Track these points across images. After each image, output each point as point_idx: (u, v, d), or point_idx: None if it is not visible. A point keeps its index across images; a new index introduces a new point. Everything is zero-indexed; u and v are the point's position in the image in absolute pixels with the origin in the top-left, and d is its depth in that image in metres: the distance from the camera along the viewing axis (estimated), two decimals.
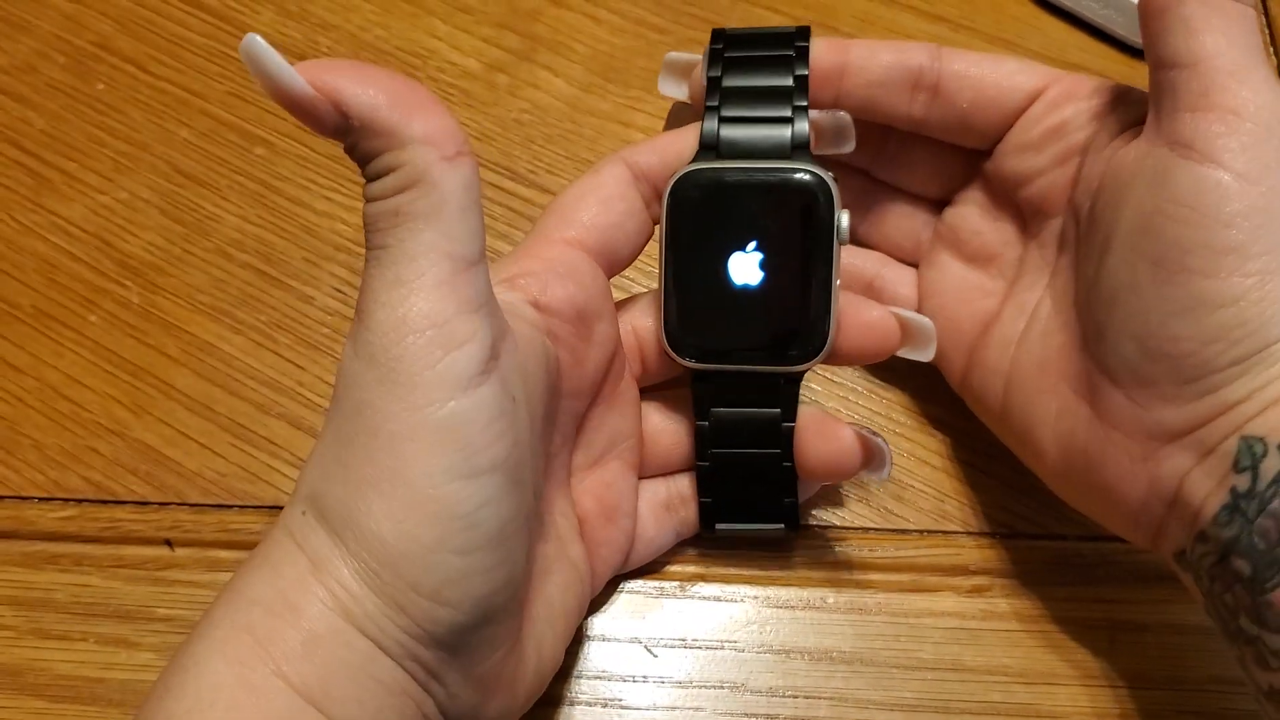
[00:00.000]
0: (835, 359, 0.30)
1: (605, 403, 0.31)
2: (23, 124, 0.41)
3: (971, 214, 0.34)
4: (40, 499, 0.34)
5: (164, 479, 0.35)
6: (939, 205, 0.35)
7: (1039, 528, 0.34)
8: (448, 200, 0.23)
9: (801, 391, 0.31)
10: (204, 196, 0.40)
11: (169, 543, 0.34)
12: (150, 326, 0.37)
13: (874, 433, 0.30)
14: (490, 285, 0.24)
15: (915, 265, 0.35)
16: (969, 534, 0.34)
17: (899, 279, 0.35)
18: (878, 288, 0.35)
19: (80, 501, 0.34)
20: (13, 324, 0.37)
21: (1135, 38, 0.43)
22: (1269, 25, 0.45)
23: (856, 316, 0.30)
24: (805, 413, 0.31)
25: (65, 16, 0.43)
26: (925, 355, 0.31)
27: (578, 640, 0.32)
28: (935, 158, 0.34)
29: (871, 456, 0.30)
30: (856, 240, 0.36)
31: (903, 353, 0.31)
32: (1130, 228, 0.27)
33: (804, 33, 0.31)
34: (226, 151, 0.41)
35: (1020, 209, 0.32)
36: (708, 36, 0.31)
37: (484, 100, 0.42)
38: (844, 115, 0.31)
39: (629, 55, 0.43)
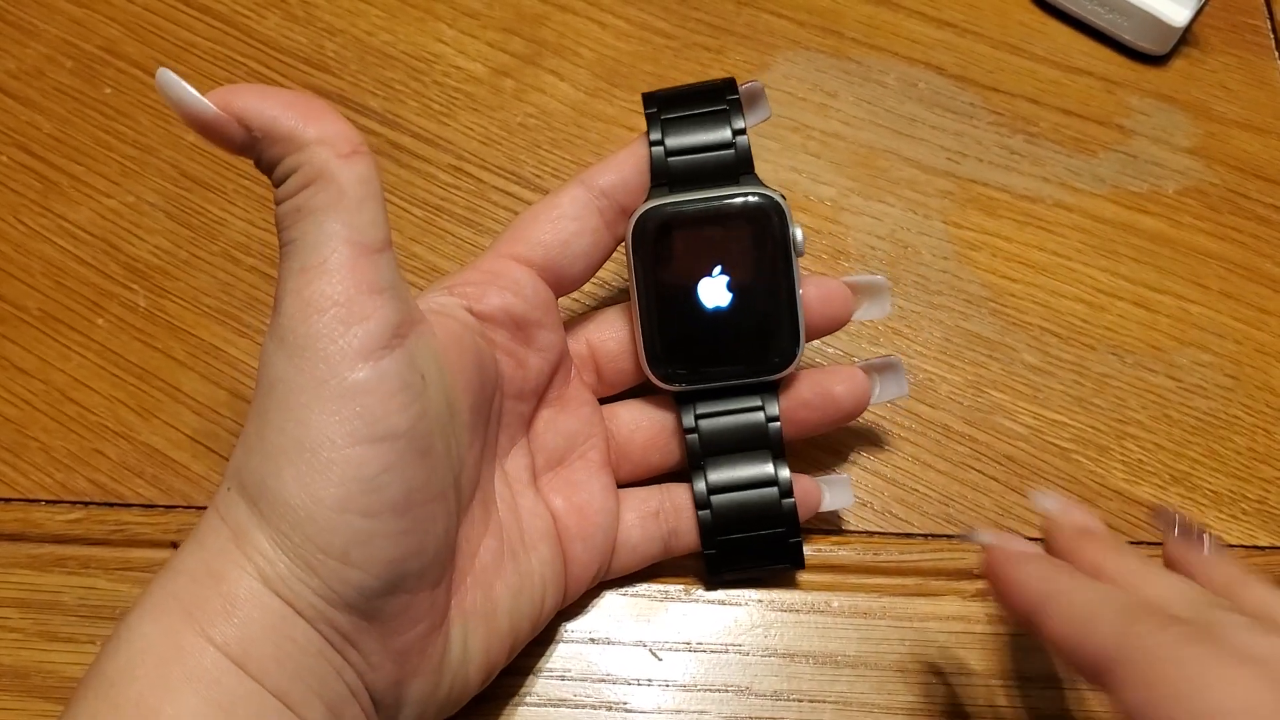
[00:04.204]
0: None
1: (554, 406, 0.32)
2: (30, 128, 0.41)
3: None
4: (47, 502, 0.35)
5: (170, 482, 0.35)
6: None
7: (1043, 532, 0.34)
8: (346, 193, 0.25)
9: None
10: (210, 200, 0.40)
11: (175, 545, 0.34)
12: (157, 330, 0.37)
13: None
14: (396, 272, 0.26)
15: None
16: None
17: None
18: None
19: (87, 504, 0.34)
20: (20, 327, 0.37)
21: (1140, 42, 0.43)
22: (1271, 24, 0.45)
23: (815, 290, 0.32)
24: (807, 372, 0.33)
25: (73, 21, 0.43)
26: (883, 309, 0.32)
27: (582, 643, 0.32)
28: None
29: (884, 370, 0.33)
30: None
31: (859, 314, 0.32)
32: None
33: (730, 84, 0.32)
34: (232, 155, 0.41)
35: None
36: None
37: (490, 104, 0.42)
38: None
39: (634, 60, 0.43)
